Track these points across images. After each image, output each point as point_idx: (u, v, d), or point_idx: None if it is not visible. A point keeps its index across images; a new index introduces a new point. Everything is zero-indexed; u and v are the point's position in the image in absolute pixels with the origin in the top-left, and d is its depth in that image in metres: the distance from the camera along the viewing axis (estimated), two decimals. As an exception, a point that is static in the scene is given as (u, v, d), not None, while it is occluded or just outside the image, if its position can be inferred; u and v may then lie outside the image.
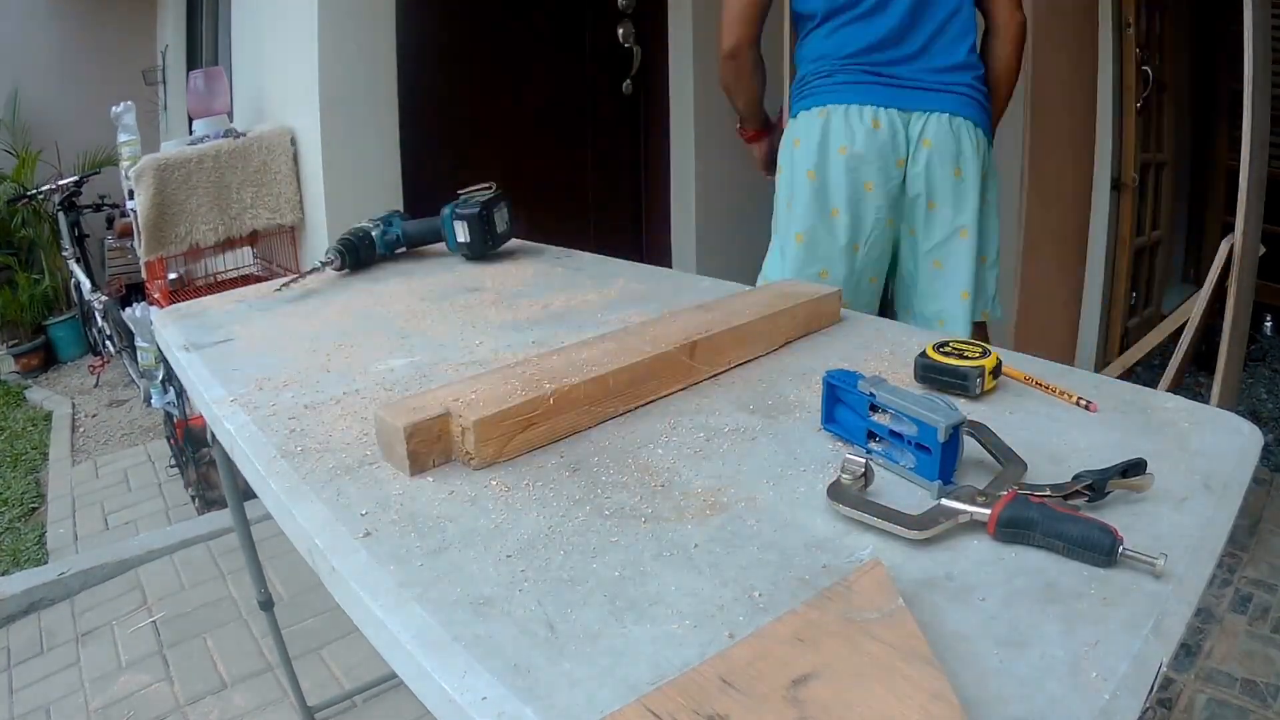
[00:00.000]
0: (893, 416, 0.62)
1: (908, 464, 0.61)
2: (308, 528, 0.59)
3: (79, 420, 3.65)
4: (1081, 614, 0.46)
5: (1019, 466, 0.60)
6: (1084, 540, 0.50)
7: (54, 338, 4.51)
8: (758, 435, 0.69)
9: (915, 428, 0.60)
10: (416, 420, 0.63)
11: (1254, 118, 1.86)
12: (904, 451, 0.62)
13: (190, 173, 2.24)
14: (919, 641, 0.42)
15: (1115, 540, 0.49)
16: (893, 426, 0.62)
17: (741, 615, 0.47)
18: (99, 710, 1.76)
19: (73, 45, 4.81)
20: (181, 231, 2.27)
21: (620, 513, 0.58)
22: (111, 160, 3.89)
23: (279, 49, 2.41)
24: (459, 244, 1.27)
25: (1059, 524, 0.51)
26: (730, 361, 0.81)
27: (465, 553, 0.54)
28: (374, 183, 2.28)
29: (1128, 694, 0.41)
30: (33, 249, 4.66)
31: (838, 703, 0.39)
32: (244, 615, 2.06)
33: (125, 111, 2.70)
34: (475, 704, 0.42)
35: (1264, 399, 2.80)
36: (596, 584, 0.51)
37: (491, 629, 0.47)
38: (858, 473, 0.58)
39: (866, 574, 0.48)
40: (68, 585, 2.24)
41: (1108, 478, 0.56)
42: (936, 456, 0.58)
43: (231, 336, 0.99)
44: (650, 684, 0.42)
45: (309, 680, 1.72)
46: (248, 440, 0.72)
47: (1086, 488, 0.56)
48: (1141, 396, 0.73)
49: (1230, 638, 1.71)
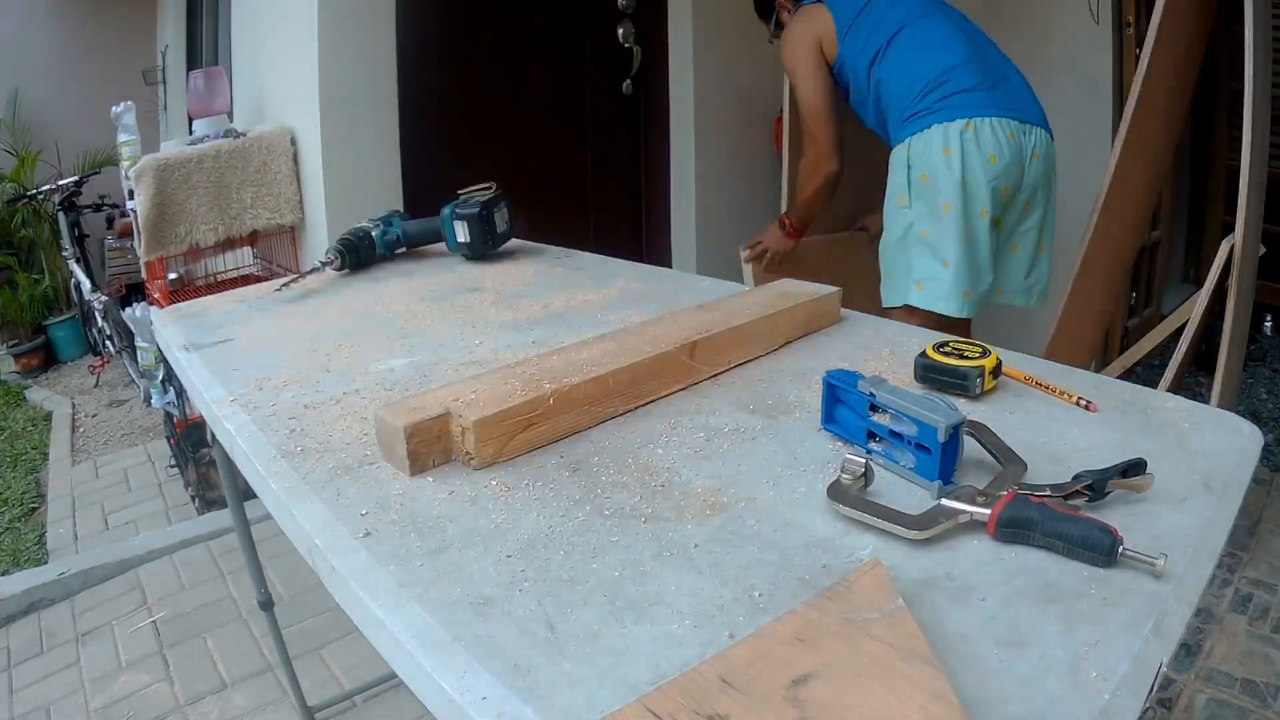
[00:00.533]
0: (893, 417, 0.62)
1: (908, 464, 0.61)
2: (308, 528, 0.59)
3: (79, 420, 3.65)
4: (1081, 614, 0.46)
5: (1019, 466, 0.60)
6: (1084, 540, 0.50)
7: (54, 338, 4.52)
8: (758, 435, 0.69)
9: (915, 428, 0.60)
10: (416, 420, 0.63)
11: (1254, 118, 1.85)
12: (904, 451, 0.62)
13: (190, 173, 2.24)
14: (919, 641, 0.42)
15: (1115, 540, 0.50)
16: (893, 426, 0.62)
17: (741, 615, 0.47)
18: (99, 710, 1.76)
19: (73, 45, 4.81)
20: (181, 231, 2.27)
21: (620, 513, 0.58)
22: (111, 160, 3.89)
23: (279, 49, 2.41)
24: (459, 244, 1.28)
25: (1059, 524, 0.51)
26: (730, 361, 0.81)
27: (465, 553, 0.54)
28: (374, 183, 2.28)
29: (1128, 694, 0.41)
30: (33, 249, 4.67)
31: (838, 703, 0.39)
32: (244, 615, 2.06)
33: (125, 111, 2.70)
34: (475, 704, 0.42)
35: (1264, 399, 2.80)
36: (596, 584, 0.50)
37: (491, 629, 0.47)
38: (857, 473, 0.58)
39: (866, 574, 0.48)
40: (68, 585, 2.24)
41: (1108, 478, 0.56)
42: (936, 456, 0.58)
43: (231, 336, 0.99)
44: (650, 684, 0.42)
45: (309, 680, 1.72)
46: (248, 440, 0.72)
47: (1086, 488, 0.56)
48: (1141, 396, 0.73)
49: (1230, 638, 1.71)
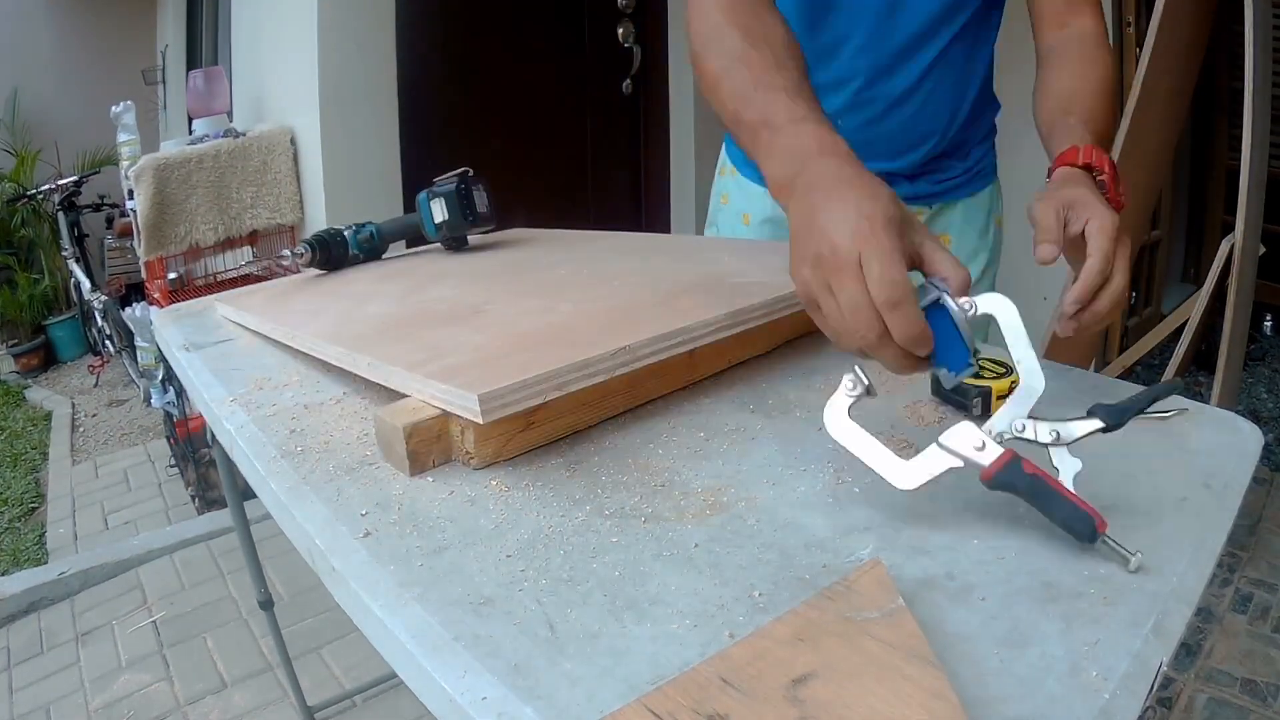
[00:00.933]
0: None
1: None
2: (308, 528, 0.59)
3: (79, 420, 3.65)
4: (1081, 614, 0.46)
5: (1029, 392, 0.56)
6: (1067, 524, 0.51)
7: (54, 337, 4.52)
8: (758, 435, 0.69)
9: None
10: (416, 420, 0.63)
11: (1254, 118, 1.86)
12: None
13: (190, 172, 2.24)
14: (919, 641, 0.42)
15: (1096, 531, 0.50)
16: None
17: (741, 615, 0.47)
18: (99, 710, 1.76)
19: (73, 45, 4.81)
20: (181, 231, 2.27)
21: (620, 513, 0.58)
22: (111, 160, 3.90)
23: (279, 49, 2.41)
24: (437, 226, 1.20)
25: (1045, 501, 0.52)
26: (730, 361, 0.81)
27: (465, 553, 0.54)
28: (374, 182, 2.29)
29: (1127, 693, 0.41)
30: (32, 249, 4.67)
31: (838, 702, 0.39)
32: (244, 615, 2.07)
33: (125, 111, 2.70)
34: (475, 704, 0.42)
35: (1264, 399, 2.80)
36: (596, 584, 0.51)
37: (491, 629, 0.47)
38: (857, 390, 0.55)
39: (866, 574, 0.48)
40: (68, 585, 2.24)
41: (1127, 415, 0.55)
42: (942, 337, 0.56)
43: (231, 336, 0.99)
44: (650, 684, 0.42)
45: (309, 680, 1.72)
46: (248, 440, 0.72)
47: (1111, 425, 0.55)
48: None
49: (1230, 637, 1.71)
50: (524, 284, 0.96)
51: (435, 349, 0.72)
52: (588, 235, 1.33)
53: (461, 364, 0.67)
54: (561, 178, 2.80)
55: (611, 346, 0.67)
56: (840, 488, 0.60)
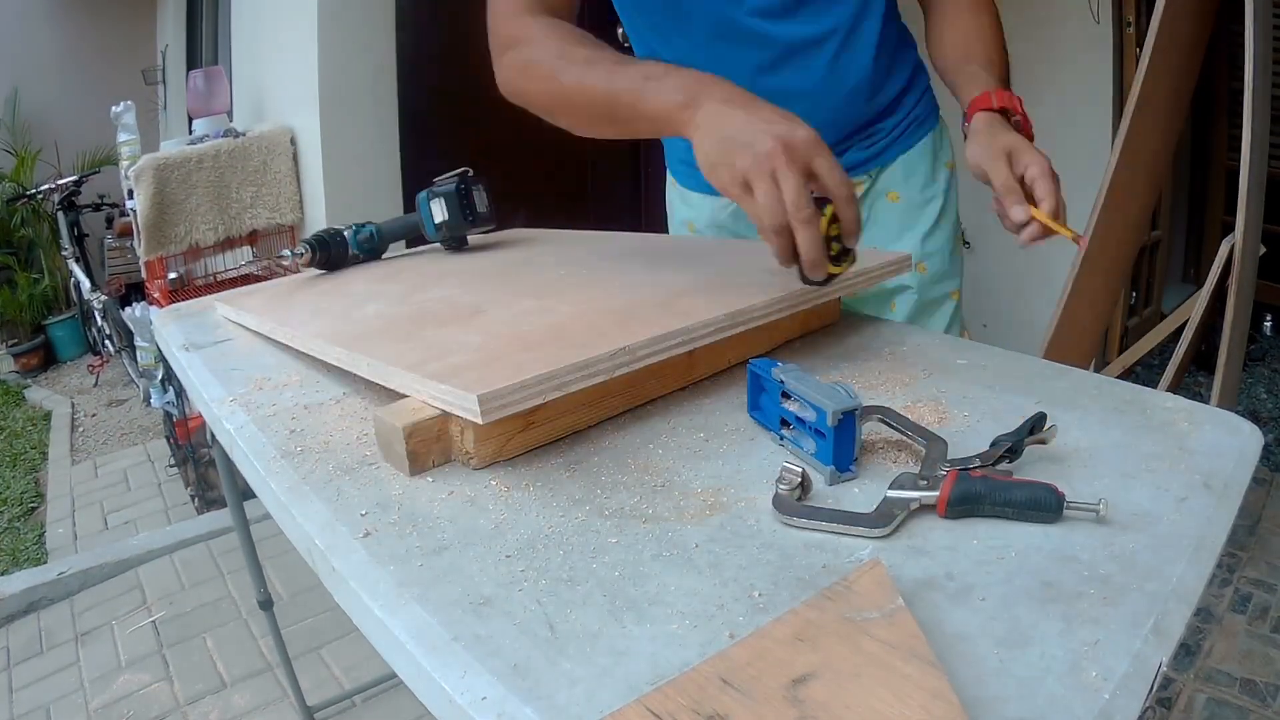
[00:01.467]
0: (800, 404, 0.63)
1: (809, 449, 0.62)
2: (308, 528, 0.59)
3: (78, 420, 3.65)
4: (1081, 614, 0.46)
5: (940, 444, 0.61)
6: (1032, 502, 0.53)
7: (53, 337, 4.52)
8: (757, 435, 0.69)
9: (814, 413, 0.61)
10: (415, 420, 0.63)
11: (1254, 118, 1.85)
12: (807, 438, 0.63)
13: (190, 172, 2.24)
14: (919, 641, 0.42)
15: (1059, 497, 0.53)
16: (798, 413, 0.63)
17: (741, 615, 0.47)
18: (99, 710, 1.77)
19: (73, 45, 4.81)
20: (181, 231, 2.27)
21: (620, 513, 0.58)
22: (111, 160, 3.90)
23: (279, 49, 2.41)
24: (437, 227, 1.20)
25: (1006, 492, 0.54)
26: (730, 361, 0.81)
27: (465, 553, 0.54)
28: (374, 182, 2.29)
29: (1127, 694, 0.41)
30: (32, 249, 4.67)
31: (837, 702, 0.39)
32: (244, 615, 2.07)
33: (125, 111, 2.70)
34: (475, 704, 0.42)
35: (1264, 399, 2.80)
36: (596, 584, 0.51)
37: (491, 629, 0.47)
38: (794, 482, 0.57)
39: (866, 574, 0.48)
40: (67, 585, 2.24)
41: (1021, 439, 0.59)
42: (830, 441, 0.60)
43: (231, 336, 0.99)
44: (650, 684, 0.42)
45: (309, 680, 1.72)
46: (248, 440, 0.72)
47: (1007, 451, 0.58)
48: (1141, 396, 0.73)
49: (1230, 638, 1.71)
50: (524, 284, 0.96)
51: (435, 349, 0.72)
52: (588, 235, 1.33)
53: (461, 364, 0.67)
54: (561, 178, 2.80)
55: (611, 347, 0.67)
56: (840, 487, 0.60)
